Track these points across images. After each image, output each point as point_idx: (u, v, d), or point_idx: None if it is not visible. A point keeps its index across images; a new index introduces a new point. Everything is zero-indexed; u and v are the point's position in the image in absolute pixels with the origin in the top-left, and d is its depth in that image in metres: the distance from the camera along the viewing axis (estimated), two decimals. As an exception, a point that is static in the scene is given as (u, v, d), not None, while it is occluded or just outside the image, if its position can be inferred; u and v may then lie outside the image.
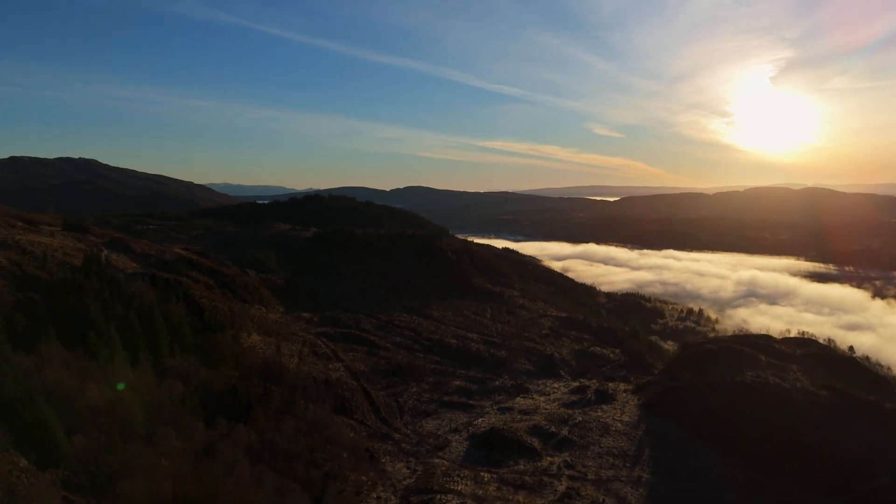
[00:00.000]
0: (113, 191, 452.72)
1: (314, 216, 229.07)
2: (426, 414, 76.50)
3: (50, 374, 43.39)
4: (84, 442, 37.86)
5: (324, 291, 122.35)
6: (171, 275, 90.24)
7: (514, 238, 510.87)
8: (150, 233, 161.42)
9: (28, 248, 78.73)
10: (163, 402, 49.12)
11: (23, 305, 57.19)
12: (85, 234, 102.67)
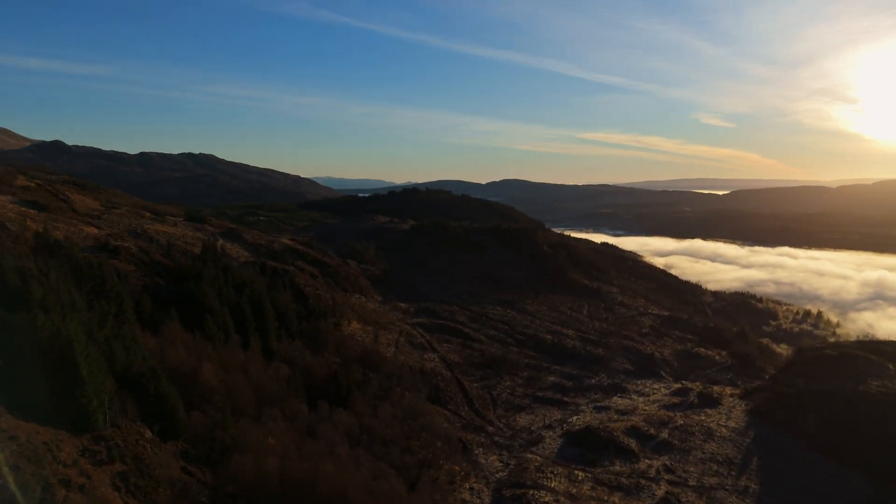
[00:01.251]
0: (228, 184, 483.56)
1: (411, 209, 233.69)
2: (520, 408, 76.10)
3: (172, 354, 47.19)
4: (200, 418, 40.87)
5: (420, 283, 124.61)
6: (279, 264, 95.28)
7: (614, 232, 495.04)
8: (261, 224, 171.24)
9: (154, 237, 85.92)
10: (270, 384, 52.05)
11: (149, 289, 62.47)
12: (203, 224, 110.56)
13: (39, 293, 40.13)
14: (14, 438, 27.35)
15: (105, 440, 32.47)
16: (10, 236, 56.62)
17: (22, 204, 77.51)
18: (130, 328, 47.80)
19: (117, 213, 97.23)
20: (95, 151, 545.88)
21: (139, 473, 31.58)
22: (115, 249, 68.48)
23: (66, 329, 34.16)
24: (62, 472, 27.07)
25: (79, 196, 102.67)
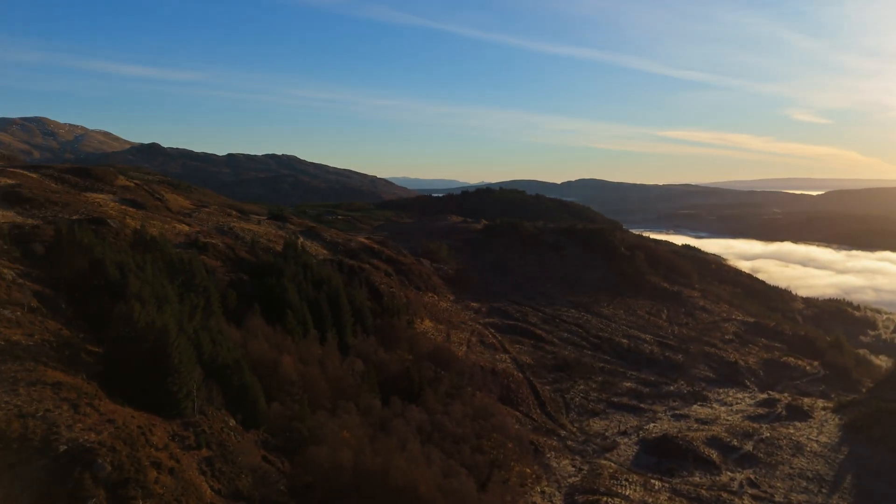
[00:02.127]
0: (309, 184, 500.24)
1: (485, 209, 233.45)
2: (593, 413, 74.50)
3: (254, 346, 49.27)
4: (280, 409, 42.47)
5: (492, 282, 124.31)
6: (356, 262, 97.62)
7: (696, 234, 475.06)
8: (339, 222, 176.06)
9: (240, 234, 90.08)
10: (345, 379, 53.40)
11: (234, 284, 65.49)
12: (285, 222, 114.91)
13: (136, 286, 42.92)
14: (112, 422, 29.35)
15: (193, 426, 34.34)
16: (111, 232, 60.90)
17: (122, 202, 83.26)
18: (217, 321, 50.30)
19: (207, 211, 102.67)
20: (188, 153, 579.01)
21: (223, 459, 33.17)
22: (204, 246, 72.29)
23: (159, 320, 36.37)
24: (154, 455, 28.81)
25: (172, 195, 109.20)
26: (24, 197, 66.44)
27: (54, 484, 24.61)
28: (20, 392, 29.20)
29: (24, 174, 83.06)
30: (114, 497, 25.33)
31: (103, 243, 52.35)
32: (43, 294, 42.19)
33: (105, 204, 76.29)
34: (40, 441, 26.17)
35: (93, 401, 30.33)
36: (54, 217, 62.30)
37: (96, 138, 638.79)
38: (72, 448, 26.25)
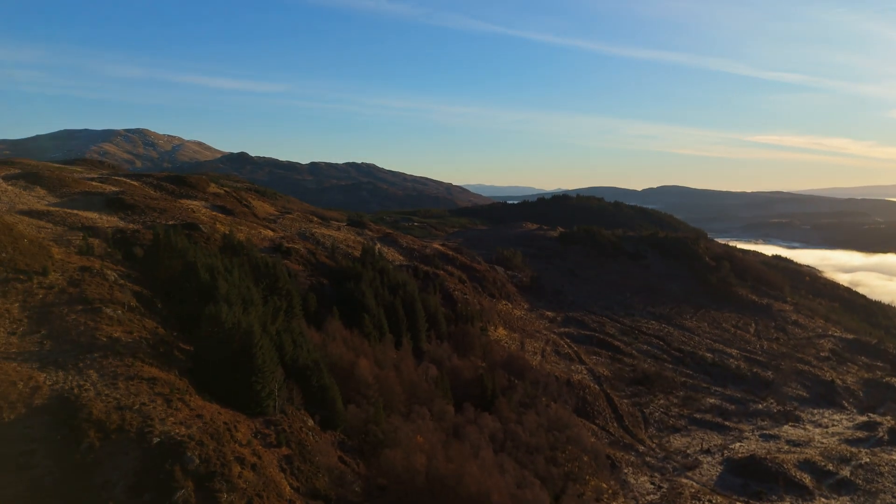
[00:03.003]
0: (387, 191, 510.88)
1: (561, 216, 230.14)
2: (674, 429, 71.56)
3: (332, 349, 50.57)
4: (356, 411, 43.33)
5: (568, 291, 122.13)
6: (430, 268, 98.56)
7: (788, 244, 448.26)
8: (415, 229, 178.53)
9: (321, 240, 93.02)
10: (420, 383, 53.85)
11: (315, 288, 67.59)
12: (363, 229, 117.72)
13: (224, 288, 45.08)
14: (200, 417, 30.87)
15: (274, 425, 35.60)
16: (202, 237, 64.38)
17: (213, 208, 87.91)
18: (298, 323, 52.04)
19: (290, 217, 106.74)
20: (274, 162, 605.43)
21: (302, 458, 34.17)
22: (288, 251, 75.11)
23: (245, 321, 38.01)
24: (238, 450, 30.04)
25: (259, 202, 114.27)
26: (126, 203, 71.42)
27: (148, 473, 26.11)
28: (119, 386, 31.24)
29: (127, 182, 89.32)
30: (201, 489, 26.58)
31: (195, 247, 55.37)
32: (141, 294, 45.08)
33: (198, 210, 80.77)
34: (136, 433, 27.87)
35: (184, 396, 32.03)
36: (152, 222, 66.57)
37: (192, 148, 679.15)
38: (164, 440, 27.78)
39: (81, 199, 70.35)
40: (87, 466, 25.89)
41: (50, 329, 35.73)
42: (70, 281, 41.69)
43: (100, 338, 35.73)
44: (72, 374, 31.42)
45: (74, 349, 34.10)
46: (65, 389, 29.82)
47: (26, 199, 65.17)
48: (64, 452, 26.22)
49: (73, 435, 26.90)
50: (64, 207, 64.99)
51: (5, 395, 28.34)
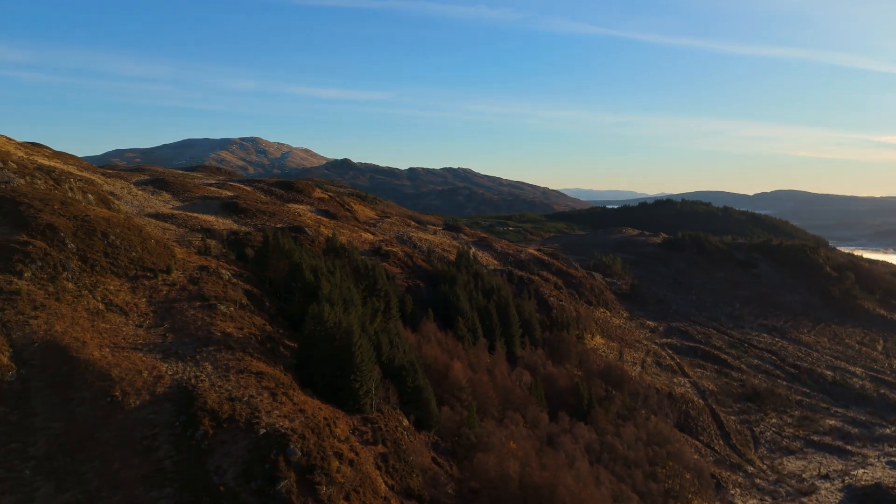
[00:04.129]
0: (483, 196, 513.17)
1: (664, 221, 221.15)
2: (788, 451, 66.56)
3: (427, 350, 51.32)
4: (450, 413, 43.69)
5: (671, 300, 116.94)
6: (525, 273, 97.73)
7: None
8: (510, 234, 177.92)
9: (417, 244, 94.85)
10: (513, 389, 53.47)
11: (411, 290, 68.95)
12: (459, 233, 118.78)
13: (327, 288, 46.98)
14: (303, 411, 32.28)
15: (371, 423, 36.61)
16: (307, 239, 67.51)
17: (317, 212, 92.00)
18: (395, 324, 53.29)
19: (389, 221, 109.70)
20: (374, 167, 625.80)
21: (397, 457, 34.89)
22: (386, 254, 77.21)
23: (346, 321, 39.39)
24: (337, 446, 31.13)
25: (360, 206, 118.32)
26: (240, 207, 76.25)
27: (254, 462, 27.62)
28: (231, 378, 33.30)
29: (241, 187, 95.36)
30: (302, 481, 27.76)
31: (301, 249, 58.12)
32: (252, 293, 47.90)
33: (303, 214, 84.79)
34: (245, 423, 29.58)
35: (288, 391, 33.63)
36: (263, 225, 70.63)
37: (299, 155, 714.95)
38: (269, 432, 29.28)
39: (201, 203, 75.87)
40: (201, 452, 27.78)
41: (172, 323, 38.75)
42: (190, 279, 45.04)
43: (214, 332, 38.31)
44: (190, 366, 33.88)
45: (193, 342, 36.77)
46: (184, 379, 32.19)
47: (154, 203, 71.16)
48: (182, 438, 28.28)
49: (190, 422, 28.97)
50: (186, 211, 70.38)
51: (132, 383, 31.00)
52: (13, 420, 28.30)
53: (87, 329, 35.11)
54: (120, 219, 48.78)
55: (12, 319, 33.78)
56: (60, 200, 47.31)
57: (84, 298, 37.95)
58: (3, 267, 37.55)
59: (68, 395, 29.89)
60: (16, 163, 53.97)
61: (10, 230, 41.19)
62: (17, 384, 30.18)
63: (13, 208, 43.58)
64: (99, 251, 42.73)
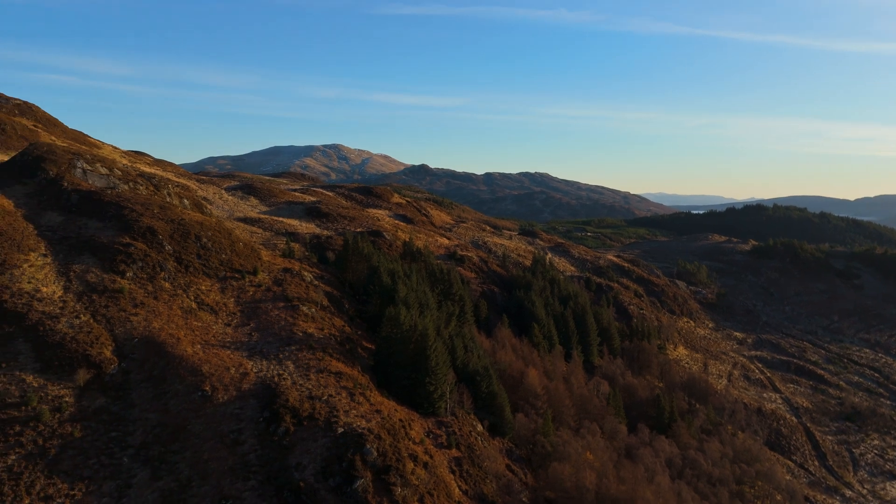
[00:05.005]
0: (560, 200, 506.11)
1: (754, 228, 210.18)
2: (891, 475, 61.44)
3: (501, 356, 51.03)
4: (524, 420, 43.21)
5: (761, 311, 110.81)
6: (604, 280, 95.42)
7: None
8: (588, 239, 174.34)
9: (492, 249, 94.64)
10: (590, 399, 52.24)
11: (486, 295, 68.84)
12: (535, 238, 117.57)
13: (404, 291, 47.68)
14: (379, 412, 32.84)
15: (445, 426, 36.77)
16: (385, 243, 68.84)
17: (395, 217, 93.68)
18: (469, 328, 53.35)
19: (464, 226, 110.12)
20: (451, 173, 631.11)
21: (471, 462, 34.83)
22: (461, 258, 77.51)
23: (421, 324, 39.82)
24: (412, 447, 31.45)
25: (436, 211, 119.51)
26: (322, 212, 78.81)
27: (333, 460, 28.34)
28: (311, 377, 34.36)
29: (323, 193, 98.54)
30: (378, 481, 28.22)
31: (379, 253, 59.32)
32: (332, 294, 49.31)
33: (382, 218, 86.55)
34: (324, 422, 30.42)
35: (365, 391, 34.33)
36: (343, 229, 72.64)
37: (378, 161, 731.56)
38: (347, 431, 29.97)
39: (286, 208, 78.97)
40: (283, 448, 28.80)
41: (257, 322, 40.49)
42: (274, 280, 46.92)
43: (297, 332, 39.70)
44: (273, 364, 35.25)
45: (276, 341, 38.25)
46: (267, 377, 33.53)
47: (242, 208, 74.71)
48: (265, 433, 29.43)
49: (273, 418, 30.11)
50: (272, 215, 73.47)
51: (221, 379, 32.58)
52: (114, 410, 30.38)
53: (181, 326, 37.24)
54: (212, 222, 51.51)
55: (115, 316, 36.31)
56: (159, 205, 50.51)
57: (179, 297, 40.28)
58: (108, 267, 40.47)
59: (163, 389, 31.78)
60: (121, 170, 58.14)
61: (115, 232, 44.36)
62: (119, 377, 32.39)
63: (118, 212, 46.93)
64: (193, 253, 45.28)
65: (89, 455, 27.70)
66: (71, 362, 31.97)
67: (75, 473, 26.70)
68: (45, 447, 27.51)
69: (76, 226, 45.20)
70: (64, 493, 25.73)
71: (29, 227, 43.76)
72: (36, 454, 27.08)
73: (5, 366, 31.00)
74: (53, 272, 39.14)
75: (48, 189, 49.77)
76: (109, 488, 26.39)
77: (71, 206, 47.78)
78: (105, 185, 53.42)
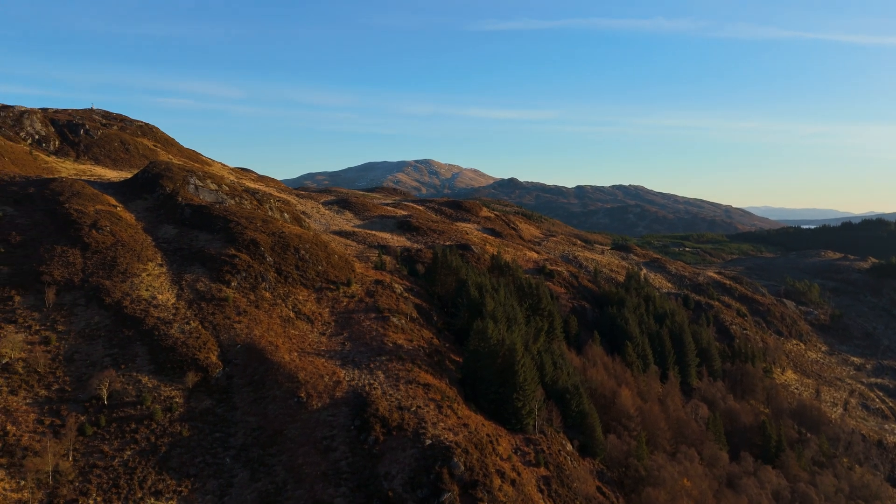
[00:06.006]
0: (656, 214, 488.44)
1: (873, 244, 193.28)
2: None
3: (592, 374, 49.63)
4: (616, 442, 41.70)
5: (881, 334, 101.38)
6: (703, 297, 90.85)
7: None
8: (686, 255, 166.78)
9: (583, 263, 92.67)
10: (688, 422, 49.69)
11: (576, 311, 67.38)
12: (628, 253, 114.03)
13: (491, 305, 47.58)
14: (466, 426, 32.80)
15: (533, 444, 36.14)
16: (473, 257, 69.13)
17: (483, 231, 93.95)
18: (559, 345, 52.35)
19: (554, 240, 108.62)
20: (541, 186, 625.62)
21: (560, 482, 33.98)
22: (550, 273, 76.39)
23: (509, 338, 39.53)
24: (499, 464, 31.13)
25: (525, 225, 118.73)
26: (412, 226, 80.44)
27: (420, 472, 28.55)
28: (400, 388, 34.91)
29: (414, 207, 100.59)
30: (465, 495, 28.11)
31: (467, 266, 59.64)
32: (421, 307, 50.03)
33: (470, 232, 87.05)
34: (412, 433, 30.75)
35: (452, 404, 34.43)
36: (433, 242, 73.68)
37: (468, 175, 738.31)
38: (435, 443, 30.13)
39: (378, 222, 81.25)
40: (373, 457, 29.36)
41: (350, 332, 41.73)
42: (367, 292, 48.26)
43: (387, 343, 40.54)
44: (364, 373, 36.14)
45: (367, 351, 39.23)
46: (359, 386, 34.40)
47: (338, 221, 77.58)
48: (356, 441, 30.14)
49: (363, 427, 30.81)
50: (365, 228, 75.80)
51: (315, 386, 33.77)
52: (218, 412, 32.20)
53: (279, 334, 39.03)
54: (309, 235, 53.84)
55: (221, 323, 38.59)
56: (262, 219, 53.41)
57: (278, 307, 42.28)
58: (216, 276, 43.19)
59: (262, 393, 33.36)
60: (228, 186, 62.07)
61: (222, 244, 47.30)
62: (223, 380, 34.33)
63: (225, 225, 50.05)
64: (291, 264, 47.46)
65: (196, 454, 29.48)
66: (181, 365, 34.28)
67: (183, 470, 28.48)
68: (156, 444, 29.57)
69: (188, 238, 48.65)
70: (172, 489, 27.50)
71: (147, 238, 47.56)
72: (148, 451, 29.16)
73: (124, 367, 33.70)
74: (168, 281, 42.25)
75: (165, 204, 53.94)
76: (213, 486, 27.93)
77: (184, 220, 51.55)
78: (214, 200, 57.21)
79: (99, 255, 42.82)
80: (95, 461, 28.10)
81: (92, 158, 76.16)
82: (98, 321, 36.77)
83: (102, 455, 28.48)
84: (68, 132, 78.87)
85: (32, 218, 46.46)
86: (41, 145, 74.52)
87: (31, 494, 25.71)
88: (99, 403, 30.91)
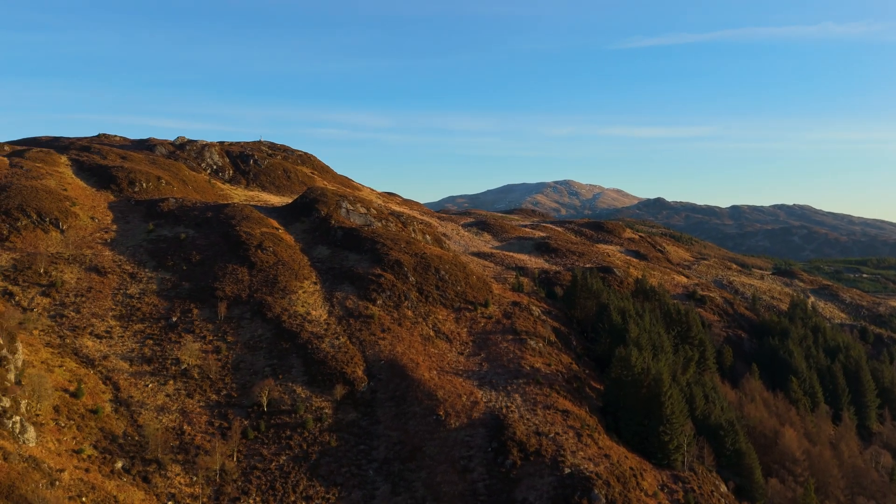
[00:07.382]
0: (826, 236, 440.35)
1: None
2: None
3: (751, 411, 45.45)
4: (779, 486, 37.67)
5: None
6: (885, 330, 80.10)
7: None
8: (863, 282, 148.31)
9: (739, 289, 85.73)
10: (866, 471, 43.76)
11: (731, 341, 62.35)
12: (792, 278, 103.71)
13: (635, 332, 45.46)
14: (608, 457, 31.41)
15: (682, 482, 33.69)
16: (615, 280, 66.63)
17: (626, 253, 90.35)
18: (711, 377, 48.65)
19: (706, 263, 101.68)
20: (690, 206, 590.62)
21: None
22: (702, 298, 71.47)
23: (654, 368, 37.45)
24: (644, 500, 29.39)
25: (673, 247, 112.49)
26: (551, 247, 79.48)
27: (559, 501, 27.74)
28: (538, 413, 34.33)
29: (553, 228, 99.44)
30: (604, 529, 26.82)
31: (609, 290, 57.63)
32: (559, 330, 49.07)
33: (612, 254, 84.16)
34: (550, 459, 30.04)
35: (593, 433, 33.19)
36: (572, 265, 72.19)
37: (610, 195, 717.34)
38: (574, 473, 29.17)
39: (516, 243, 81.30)
40: (510, 481, 29.07)
41: (487, 353, 41.94)
42: (504, 313, 48.32)
43: (524, 366, 40.17)
44: (502, 396, 36.04)
45: (504, 373, 39.13)
46: (496, 408, 34.36)
47: (476, 243, 78.76)
48: (493, 464, 30.04)
49: (500, 450, 30.66)
50: (503, 250, 76.19)
51: (453, 405, 34.23)
52: (363, 425, 33.72)
53: (420, 352, 40.20)
54: (449, 256, 55.18)
55: (366, 339, 40.58)
56: (406, 240, 55.69)
57: (419, 325, 43.64)
58: (363, 295, 45.61)
59: (403, 409, 34.45)
60: (375, 209, 65.60)
61: (369, 265, 49.91)
62: (368, 394, 35.96)
63: (372, 246, 52.84)
64: (432, 284, 48.88)
65: (342, 463, 31.08)
66: (331, 378, 36.48)
67: (330, 479, 30.13)
68: (308, 452, 31.60)
69: (339, 258, 52.01)
70: (321, 496, 29.16)
71: (304, 258, 51.50)
72: (301, 457, 31.23)
73: (282, 377, 36.55)
74: (321, 298, 45.34)
75: (319, 226, 58.20)
76: (357, 497, 29.22)
77: (336, 241, 55.26)
78: (363, 223, 60.75)
79: (263, 273, 47.07)
80: (255, 463, 30.61)
81: (259, 185, 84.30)
82: (260, 333, 40.32)
83: (262, 458, 30.96)
84: (240, 162, 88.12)
85: (209, 239, 52.23)
86: (218, 174, 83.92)
87: (202, 490, 28.53)
88: (259, 410, 33.75)
